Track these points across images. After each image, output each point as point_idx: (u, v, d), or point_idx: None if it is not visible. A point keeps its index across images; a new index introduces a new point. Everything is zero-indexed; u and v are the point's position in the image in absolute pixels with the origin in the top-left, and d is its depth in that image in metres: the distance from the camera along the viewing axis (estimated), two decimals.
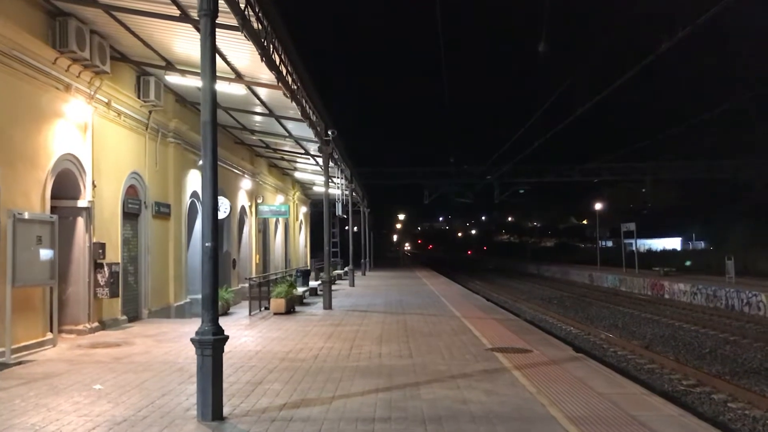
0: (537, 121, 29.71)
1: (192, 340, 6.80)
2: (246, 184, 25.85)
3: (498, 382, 8.50)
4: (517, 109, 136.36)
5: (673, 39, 13.76)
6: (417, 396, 7.73)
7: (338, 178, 27.93)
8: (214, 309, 6.85)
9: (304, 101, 15.26)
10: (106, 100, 14.02)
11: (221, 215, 20.66)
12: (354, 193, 36.06)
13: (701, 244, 70.59)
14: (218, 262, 7.11)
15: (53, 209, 12.29)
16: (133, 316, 15.44)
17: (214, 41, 7.00)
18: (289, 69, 13.10)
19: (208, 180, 6.93)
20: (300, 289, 20.32)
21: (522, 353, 10.82)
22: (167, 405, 7.40)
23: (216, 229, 6.99)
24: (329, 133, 18.56)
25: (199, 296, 19.19)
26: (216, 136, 7.00)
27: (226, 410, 6.96)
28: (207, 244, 6.90)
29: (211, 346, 6.70)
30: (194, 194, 19.79)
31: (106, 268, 13.51)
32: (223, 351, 6.88)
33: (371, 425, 6.53)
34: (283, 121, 19.47)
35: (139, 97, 15.50)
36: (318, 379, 8.77)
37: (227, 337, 6.96)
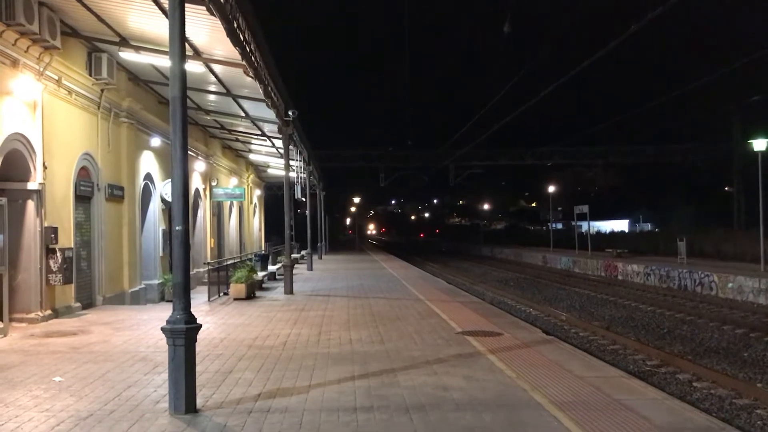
0: (496, 104, 29.71)
1: (163, 329, 6.42)
2: (200, 166, 25.14)
3: (475, 367, 8.36)
4: (478, 92, 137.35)
5: (641, 22, 13.76)
6: (396, 383, 7.53)
7: (296, 160, 27.41)
8: (186, 296, 6.46)
9: (265, 80, 14.78)
10: (56, 77, 13.29)
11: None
12: (311, 176, 35.57)
13: (648, 226, 72.48)
14: (190, 247, 6.71)
15: (1, 192, 11.65)
16: (87, 303, 14.83)
17: (183, 9, 6.56)
18: (252, 47, 12.62)
19: (177, 159, 6.51)
20: (260, 274, 19.89)
21: (493, 336, 10.73)
22: (135, 397, 7.01)
23: (187, 211, 6.59)
24: (289, 113, 18.06)
25: (153, 282, 18.90)
26: (186, 112, 6.60)
27: (198, 402, 6.61)
28: (178, 228, 6.50)
29: (184, 335, 6.33)
30: (148, 176, 19.15)
31: (58, 254, 12.87)
32: (195, 341, 6.51)
33: (353, 415, 6.29)
34: (240, 101, 18.89)
35: (90, 75, 14.78)
36: (290, 367, 8.48)
37: (200, 326, 6.60)
